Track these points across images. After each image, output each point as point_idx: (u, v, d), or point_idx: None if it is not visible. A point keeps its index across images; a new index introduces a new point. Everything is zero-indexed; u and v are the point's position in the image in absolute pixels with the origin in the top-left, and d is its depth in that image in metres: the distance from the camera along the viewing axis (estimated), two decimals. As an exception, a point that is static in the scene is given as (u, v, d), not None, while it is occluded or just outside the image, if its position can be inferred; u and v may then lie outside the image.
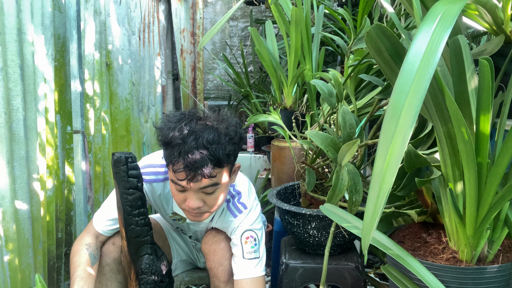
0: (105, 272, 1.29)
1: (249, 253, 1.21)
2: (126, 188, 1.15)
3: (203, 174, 1.04)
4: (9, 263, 1.32)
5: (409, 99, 0.57)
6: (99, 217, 1.28)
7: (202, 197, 1.11)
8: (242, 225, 1.24)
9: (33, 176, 1.44)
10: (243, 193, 1.29)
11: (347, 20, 1.84)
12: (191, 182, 1.05)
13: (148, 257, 1.18)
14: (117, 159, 1.14)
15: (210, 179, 1.07)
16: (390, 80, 0.88)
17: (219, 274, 1.25)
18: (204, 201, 1.11)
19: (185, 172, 1.04)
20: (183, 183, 1.06)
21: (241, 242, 1.22)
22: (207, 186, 1.08)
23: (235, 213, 1.26)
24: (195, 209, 1.12)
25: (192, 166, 1.02)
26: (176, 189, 1.11)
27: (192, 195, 1.10)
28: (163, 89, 2.81)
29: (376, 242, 0.86)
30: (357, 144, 1.09)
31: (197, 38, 3.21)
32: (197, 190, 1.09)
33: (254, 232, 1.24)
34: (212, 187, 1.09)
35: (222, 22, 1.43)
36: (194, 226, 1.38)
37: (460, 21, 0.99)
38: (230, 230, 1.26)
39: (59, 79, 1.69)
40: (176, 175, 1.07)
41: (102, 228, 1.27)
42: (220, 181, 1.10)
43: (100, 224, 1.28)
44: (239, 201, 1.28)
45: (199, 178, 1.05)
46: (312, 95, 1.89)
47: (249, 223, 1.24)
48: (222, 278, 1.25)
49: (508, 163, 0.80)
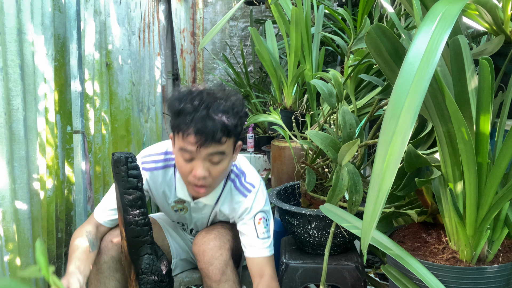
0: (103, 270, 1.29)
1: (263, 233, 1.27)
2: (126, 188, 1.15)
3: (213, 139, 1.08)
4: (9, 263, 1.32)
5: (409, 99, 0.57)
6: (100, 208, 1.30)
7: (208, 167, 1.14)
8: (255, 207, 1.28)
9: (33, 176, 1.44)
10: (247, 172, 1.33)
11: (347, 20, 1.84)
12: (201, 147, 1.09)
13: (148, 257, 1.18)
14: (117, 159, 1.14)
15: (218, 146, 1.11)
16: (390, 80, 0.88)
17: (210, 274, 1.25)
18: (209, 171, 1.15)
19: (196, 138, 1.08)
20: (193, 148, 1.10)
21: (254, 223, 1.27)
22: (215, 153, 1.12)
23: (245, 192, 1.30)
24: (201, 179, 1.14)
25: (203, 131, 1.07)
26: (184, 158, 1.14)
27: (200, 164, 1.13)
28: (163, 89, 2.81)
29: (376, 242, 0.86)
30: (357, 144, 1.09)
31: (197, 38, 3.21)
32: (205, 157, 1.12)
33: (265, 213, 1.30)
34: (219, 155, 1.13)
35: (223, 22, 1.43)
36: (196, 213, 1.37)
37: (460, 21, 0.99)
38: (241, 210, 1.29)
39: (59, 79, 1.69)
40: (186, 142, 1.10)
41: (103, 218, 1.29)
42: (226, 151, 1.14)
43: (101, 214, 1.29)
44: (246, 181, 1.31)
45: (209, 143, 1.09)
46: (312, 95, 1.89)
47: (261, 205, 1.29)
48: (214, 277, 1.25)
49: (508, 163, 0.80)
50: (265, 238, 1.27)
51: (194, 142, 1.09)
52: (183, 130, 1.10)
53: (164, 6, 2.90)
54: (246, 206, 1.28)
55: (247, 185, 1.31)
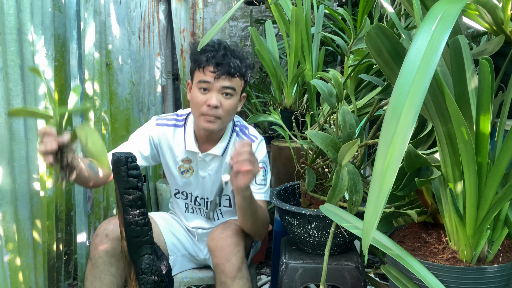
0: (98, 265, 1.30)
1: (260, 180, 1.42)
2: (126, 188, 1.15)
3: (228, 73, 1.31)
4: (9, 263, 1.32)
5: (409, 99, 0.57)
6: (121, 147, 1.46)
7: (220, 99, 1.33)
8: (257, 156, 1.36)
9: (33, 176, 1.44)
10: (250, 127, 1.53)
11: (347, 20, 1.84)
12: (218, 78, 1.31)
13: (148, 257, 1.18)
14: (117, 159, 1.14)
15: (231, 80, 1.33)
16: (390, 80, 0.88)
17: (226, 270, 1.26)
18: (221, 103, 1.33)
19: (215, 69, 1.31)
20: (211, 79, 1.31)
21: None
22: (228, 87, 1.33)
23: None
24: (213, 109, 1.32)
25: (221, 65, 1.31)
26: (201, 88, 1.34)
27: (214, 94, 1.33)
28: (163, 89, 2.81)
29: (376, 242, 0.86)
30: (357, 144, 1.09)
31: (197, 38, 3.21)
32: (219, 89, 1.33)
33: (265, 163, 1.46)
34: (231, 90, 1.34)
35: (222, 22, 1.43)
36: (203, 171, 1.45)
37: (460, 21, 0.99)
38: None
39: (59, 79, 1.69)
40: (205, 74, 1.32)
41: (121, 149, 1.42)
42: (236, 88, 1.35)
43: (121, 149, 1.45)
44: (250, 133, 1.50)
45: (225, 76, 1.31)
46: (312, 95, 1.89)
47: (262, 155, 1.45)
48: (230, 274, 1.26)
49: (508, 163, 0.80)
50: (261, 185, 1.42)
51: (212, 74, 1.31)
52: (204, 65, 1.32)
53: (164, 6, 2.90)
54: None
55: (251, 136, 1.48)
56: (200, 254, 1.55)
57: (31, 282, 1.41)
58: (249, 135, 1.49)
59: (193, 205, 1.53)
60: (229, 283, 1.26)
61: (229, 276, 1.26)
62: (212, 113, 1.33)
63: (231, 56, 1.33)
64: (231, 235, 1.31)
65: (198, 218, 1.55)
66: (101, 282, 1.30)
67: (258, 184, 1.42)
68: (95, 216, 1.84)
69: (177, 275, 1.49)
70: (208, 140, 1.45)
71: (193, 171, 1.46)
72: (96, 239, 1.33)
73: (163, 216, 1.57)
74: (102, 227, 1.35)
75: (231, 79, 1.33)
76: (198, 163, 1.46)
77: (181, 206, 1.56)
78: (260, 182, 1.42)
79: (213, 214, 1.26)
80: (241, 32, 3.35)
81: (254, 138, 1.48)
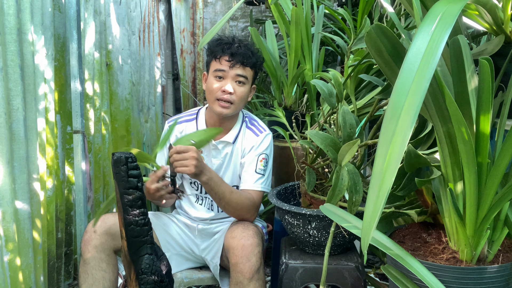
0: (89, 261, 1.32)
1: (260, 169, 1.52)
2: (126, 188, 1.14)
3: (242, 63, 1.45)
4: (9, 263, 1.32)
5: (409, 99, 0.57)
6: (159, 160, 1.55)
7: (234, 86, 1.46)
8: (261, 147, 1.53)
9: (33, 176, 1.44)
10: (259, 121, 1.62)
11: (347, 20, 1.84)
12: (233, 67, 1.45)
13: (148, 257, 1.18)
14: (117, 159, 1.14)
15: (244, 69, 1.47)
16: (390, 80, 0.88)
17: (245, 270, 1.27)
18: (234, 90, 1.46)
19: (230, 58, 1.45)
20: (226, 67, 1.45)
21: (257, 160, 1.53)
22: (241, 76, 1.47)
23: (257, 132, 1.56)
24: (228, 94, 1.45)
25: (236, 55, 1.45)
26: (216, 76, 1.47)
27: (229, 81, 1.46)
28: (163, 89, 2.81)
29: (376, 242, 0.86)
30: (357, 144, 1.09)
31: (197, 38, 3.21)
32: (233, 77, 1.46)
33: (267, 155, 1.55)
34: (244, 78, 1.47)
35: (222, 22, 1.44)
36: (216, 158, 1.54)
37: (460, 21, 0.99)
38: (250, 146, 1.54)
39: (59, 79, 1.69)
40: (222, 63, 1.46)
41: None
42: (248, 77, 1.49)
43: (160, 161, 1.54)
44: (259, 125, 1.60)
45: (239, 65, 1.45)
46: (312, 95, 1.89)
47: (265, 147, 1.54)
48: (248, 274, 1.27)
49: (508, 163, 0.80)
50: (261, 174, 1.51)
51: (227, 63, 1.45)
52: (220, 55, 1.46)
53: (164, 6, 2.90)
54: (255, 143, 1.53)
55: (259, 128, 1.58)
56: (195, 249, 1.55)
57: (31, 282, 1.41)
58: (257, 126, 1.58)
59: (203, 196, 1.57)
60: (246, 283, 1.27)
61: (247, 276, 1.27)
62: (226, 98, 1.45)
63: (245, 48, 1.47)
64: (252, 235, 1.33)
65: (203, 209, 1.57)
66: (93, 278, 1.31)
67: (257, 173, 1.51)
68: (95, 216, 1.84)
69: (177, 276, 1.49)
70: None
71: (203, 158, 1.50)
72: (85, 236, 1.36)
73: (156, 214, 1.58)
74: (91, 224, 1.39)
75: (244, 68, 1.47)
76: (210, 151, 1.55)
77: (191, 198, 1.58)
78: (259, 171, 1.52)
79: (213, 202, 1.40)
80: (241, 32, 3.35)
81: (262, 129, 1.57)
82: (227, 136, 1.54)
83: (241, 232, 1.34)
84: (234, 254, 1.30)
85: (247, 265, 1.27)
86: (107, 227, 1.37)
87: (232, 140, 1.54)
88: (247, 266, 1.27)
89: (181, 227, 1.58)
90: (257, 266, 1.28)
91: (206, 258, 1.55)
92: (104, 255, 1.34)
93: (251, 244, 1.30)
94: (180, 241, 1.55)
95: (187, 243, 1.55)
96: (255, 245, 1.31)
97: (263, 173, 1.52)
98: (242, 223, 1.42)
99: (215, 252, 1.51)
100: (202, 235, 1.56)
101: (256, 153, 1.52)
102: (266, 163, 1.54)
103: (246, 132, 1.57)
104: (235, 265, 1.29)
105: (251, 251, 1.29)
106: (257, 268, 1.28)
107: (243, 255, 1.28)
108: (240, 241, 1.31)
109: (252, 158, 1.52)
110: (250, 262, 1.27)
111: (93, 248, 1.33)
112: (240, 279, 1.27)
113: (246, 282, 1.26)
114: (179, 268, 1.54)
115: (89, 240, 1.35)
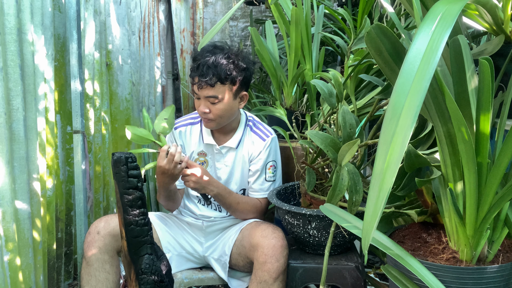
0: (92, 263, 1.31)
1: (270, 177, 1.55)
2: (126, 188, 1.15)
3: (206, 83, 1.39)
4: (9, 263, 1.32)
5: (409, 99, 0.57)
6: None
7: (208, 106, 1.43)
8: (268, 156, 1.54)
9: (33, 176, 1.44)
10: (264, 124, 1.61)
11: (347, 20, 1.84)
12: (201, 89, 1.41)
13: (148, 257, 1.18)
14: (117, 159, 1.14)
15: (211, 90, 1.40)
16: (390, 80, 0.89)
17: (273, 270, 1.28)
18: (209, 109, 1.43)
19: (198, 81, 1.41)
20: (196, 89, 1.43)
21: (266, 169, 1.54)
22: (210, 96, 1.41)
23: (263, 136, 1.55)
24: (204, 113, 1.44)
25: (203, 77, 1.39)
26: (195, 97, 1.47)
27: (202, 102, 1.44)
28: (163, 89, 2.81)
29: (376, 242, 0.86)
30: (357, 144, 1.09)
31: (197, 38, 3.21)
32: (205, 98, 1.42)
33: (275, 162, 1.58)
34: (213, 98, 1.42)
35: (222, 22, 1.44)
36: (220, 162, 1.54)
37: (460, 21, 0.99)
38: (257, 153, 1.54)
39: (59, 79, 1.69)
40: (193, 84, 1.44)
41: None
42: (220, 95, 1.41)
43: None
44: (264, 128, 1.59)
45: (204, 86, 1.40)
46: (312, 95, 1.89)
47: (272, 155, 1.56)
48: (275, 274, 1.29)
49: (508, 163, 0.80)
50: (270, 181, 1.55)
51: (196, 85, 1.42)
52: (192, 76, 1.43)
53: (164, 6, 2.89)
54: (262, 149, 1.53)
55: (265, 131, 1.57)
56: (199, 248, 1.55)
57: (31, 282, 1.41)
58: (262, 129, 1.58)
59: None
60: (270, 282, 1.28)
61: (273, 276, 1.28)
62: (205, 117, 1.46)
63: (212, 64, 1.39)
64: (282, 237, 1.35)
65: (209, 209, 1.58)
66: (96, 279, 1.31)
67: (267, 181, 1.55)
68: (95, 216, 1.84)
69: (177, 276, 1.49)
70: (222, 134, 1.55)
71: (208, 163, 1.56)
72: (88, 237, 1.35)
73: (158, 215, 1.58)
74: (94, 225, 1.39)
75: (213, 88, 1.40)
76: (214, 155, 1.55)
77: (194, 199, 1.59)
78: (269, 179, 1.56)
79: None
80: (241, 32, 3.35)
81: (268, 133, 1.57)
82: (230, 141, 1.54)
83: (272, 232, 1.36)
84: (264, 252, 1.31)
85: (276, 265, 1.29)
86: (110, 229, 1.37)
87: (235, 145, 1.54)
88: (276, 266, 1.29)
89: (183, 227, 1.57)
90: (283, 267, 1.31)
91: (211, 257, 1.54)
92: (107, 256, 1.34)
93: (281, 245, 1.33)
94: (182, 242, 1.54)
95: (189, 243, 1.55)
96: (284, 247, 1.34)
97: (272, 179, 1.56)
98: (270, 224, 1.43)
99: (221, 250, 1.51)
100: (207, 233, 1.56)
101: (263, 162, 1.54)
102: (274, 170, 1.57)
103: (252, 136, 1.56)
104: (262, 264, 1.30)
105: (280, 252, 1.31)
106: (283, 269, 1.31)
107: (273, 255, 1.30)
108: (271, 240, 1.33)
109: (260, 166, 1.54)
110: (279, 262, 1.30)
111: (97, 250, 1.33)
112: (265, 278, 1.29)
113: (271, 281, 1.28)
114: (179, 269, 1.53)
115: (92, 241, 1.34)
